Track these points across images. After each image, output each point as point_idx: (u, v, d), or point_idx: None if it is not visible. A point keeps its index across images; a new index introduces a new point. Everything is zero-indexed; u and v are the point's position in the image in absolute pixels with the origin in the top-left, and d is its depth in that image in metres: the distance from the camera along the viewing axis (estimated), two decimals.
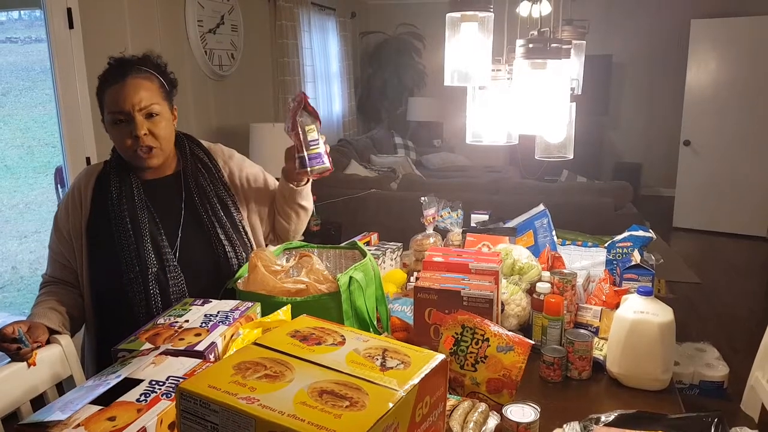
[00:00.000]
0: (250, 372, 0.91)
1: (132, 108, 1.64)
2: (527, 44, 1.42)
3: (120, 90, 1.64)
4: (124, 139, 1.66)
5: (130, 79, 1.67)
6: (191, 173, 1.79)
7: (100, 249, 1.68)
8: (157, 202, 1.73)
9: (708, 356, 2.84)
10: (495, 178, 4.85)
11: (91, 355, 1.73)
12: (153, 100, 1.67)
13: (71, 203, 1.75)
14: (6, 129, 8.51)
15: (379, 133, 7.14)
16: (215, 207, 1.76)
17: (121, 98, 1.64)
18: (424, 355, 0.98)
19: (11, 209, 7.27)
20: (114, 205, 1.69)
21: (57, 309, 1.63)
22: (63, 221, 1.75)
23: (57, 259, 1.76)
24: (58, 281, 1.75)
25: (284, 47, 5.44)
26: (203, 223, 1.74)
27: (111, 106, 1.65)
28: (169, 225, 1.72)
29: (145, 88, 1.67)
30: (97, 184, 1.75)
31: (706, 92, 6.19)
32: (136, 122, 1.64)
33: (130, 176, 1.73)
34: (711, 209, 6.30)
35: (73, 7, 3.16)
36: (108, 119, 1.67)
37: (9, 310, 4.97)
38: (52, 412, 1.00)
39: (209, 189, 1.78)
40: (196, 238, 1.73)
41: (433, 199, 2.28)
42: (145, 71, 1.70)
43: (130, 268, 1.64)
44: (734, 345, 3.65)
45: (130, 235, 1.66)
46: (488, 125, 1.81)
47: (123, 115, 1.64)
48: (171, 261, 1.67)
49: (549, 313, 1.70)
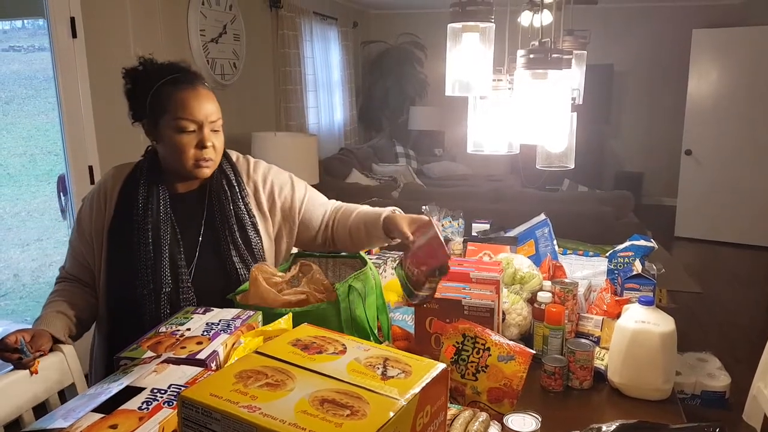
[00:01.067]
0: (251, 380, 0.91)
1: (205, 118, 1.61)
2: (528, 54, 1.43)
3: (193, 97, 1.61)
4: (189, 148, 1.61)
5: (202, 89, 1.65)
6: (215, 191, 1.73)
7: (119, 255, 1.66)
8: (180, 217, 1.70)
9: (710, 366, 2.83)
10: (496, 187, 4.86)
11: (101, 354, 1.71)
12: (219, 115, 1.66)
13: (96, 202, 1.72)
14: (9, 137, 8.54)
15: (380, 142, 7.16)
16: (233, 229, 1.71)
17: (195, 106, 1.61)
18: (425, 365, 0.98)
19: (13, 217, 7.28)
20: (139, 215, 1.65)
21: (66, 313, 1.62)
22: (86, 220, 1.72)
23: (76, 257, 1.74)
24: (74, 279, 1.74)
25: (286, 56, 5.47)
26: (221, 244, 1.71)
27: (181, 112, 1.60)
28: (188, 242, 1.70)
29: (213, 100, 1.66)
30: (125, 188, 1.70)
31: (707, 101, 6.20)
32: (205, 134, 1.62)
33: (159, 187, 1.69)
34: (713, 218, 6.30)
35: (76, 17, 3.18)
36: (173, 124, 1.60)
37: (11, 318, 4.97)
38: (54, 419, 1.01)
39: (229, 209, 1.72)
40: (211, 259, 1.70)
41: (434, 208, 2.28)
42: (206, 84, 1.69)
43: (144, 284, 1.62)
44: (736, 355, 3.64)
45: (149, 250, 1.63)
46: (489, 134, 1.82)
47: (195, 124, 1.61)
48: (186, 282, 1.65)
49: (550, 323, 1.70)
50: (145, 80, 1.66)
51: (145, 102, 1.64)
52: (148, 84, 1.64)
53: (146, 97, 1.64)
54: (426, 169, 7.00)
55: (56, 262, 5.83)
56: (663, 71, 7.46)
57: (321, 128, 6.29)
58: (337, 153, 6.21)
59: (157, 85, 1.63)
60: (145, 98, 1.64)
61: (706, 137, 6.24)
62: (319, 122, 6.27)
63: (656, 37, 7.41)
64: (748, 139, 6.07)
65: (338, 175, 5.37)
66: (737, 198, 6.17)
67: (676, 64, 7.12)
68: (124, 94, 1.70)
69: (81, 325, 1.67)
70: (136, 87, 1.67)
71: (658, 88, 7.56)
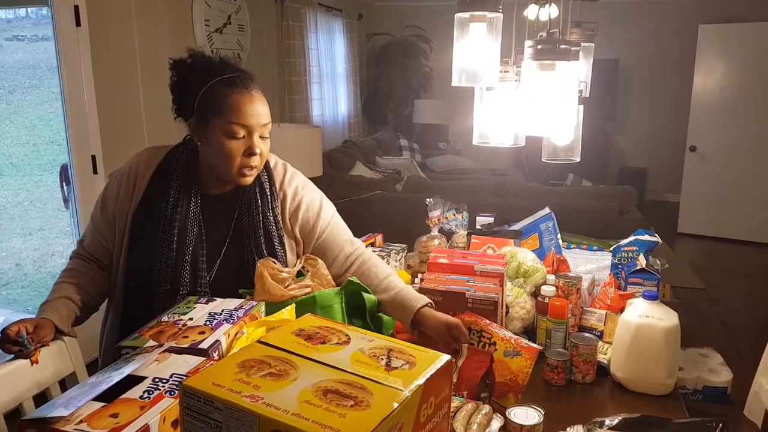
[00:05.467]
0: (254, 370, 0.90)
1: (257, 124, 1.55)
2: (536, 45, 1.42)
3: (248, 100, 1.54)
4: (238, 155, 1.55)
5: (256, 93, 1.58)
6: (247, 198, 1.66)
7: (140, 245, 1.61)
8: (208, 218, 1.65)
9: (712, 362, 2.83)
10: (500, 181, 4.84)
11: (111, 343, 1.65)
12: (270, 119, 1.60)
13: (125, 183, 1.65)
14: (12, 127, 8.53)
15: (384, 135, 7.14)
16: (259, 240, 1.65)
17: (249, 111, 1.53)
18: (429, 356, 0.97)
19: (16, 206, 7.28)
20: (168, 211, 1.59)
21: (72, 299, 1.58)
22: (111, 200, 1.65)
23: (96, 235, 1.68)
24: (90, 258, 1.69)
25: (291, 48, 5.45)
26: (245, 253, 1.65)
27: (234, 116, 1.52)
28: (212, 245, 1.64)
29: (265, 104, 1.59)
30: (156, 176, 1.63)
31: (712, 98, 6.18)
32: (254, 140, 1.55)
33: (193, 186, 1.63)
34: (716, 215, 6.28)
35: (80, 5, 3.16)
36: (224, 129, 1.53)
37: (13, 307, 4.97)
38: (54, 407, 1.00)
39: (258, 219, 1.65)
40: (233, 264, 1.65)
41: (438, 200, 2.27)
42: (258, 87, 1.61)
43: (162, 283, 1.58)
44: (738, 351, 3.64)
45: (173, 248, 1.58)
46: (495, 126, 1.81)
47: (246, 130, 1.54)
48: (204, 286, 1.61)
49: (553, 317, 1.70)
50: (195, 76, 1.57)
51: (193, 99, 1.56)
52: (199, 81, 1.55)
53: (196, 95, 1.55)
54: (430, 163, 6.99)
55: (58, 252, 5.83)
56: (668, 67, 7.43)
57: (325, 120, 6.28)
58: (341, 145, 6.20)
59: (209, 83, 1.54)
60: (194, 96, 1.55)
61: (711, 133, 6.22)
62: (323, 114, 6.26)
63: (662, 32, 7.37)
64: (753, 135, 6.05)
65: (342, 168, 5.35)
66: (741, 195, 6.15)
67: (681, 60, 7.09)
68: (169, 87, 1.61)
69: (87, 310, 1.63)
70: (185, 82, 1.58)
71: (663, 83, 7.53)
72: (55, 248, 6.19)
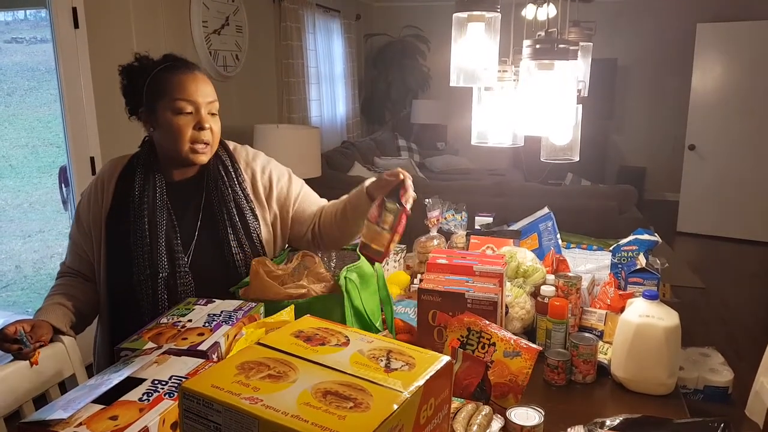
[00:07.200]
0: (253, 372, 0.90)
1: (202, 100, 1.63)
2: (534, 44, 1.42)
3: (191, 79, 1.63)
4: (187, 129, 1.62)
5: (199, 74, 1.67)
6: (212, 177, 1.74)
7: (117, 244, 1.66)
8: (177, 203, 1.71)
9: (712, 361, 2.83)
10: (499, 180, 4.84)
11: (104, 348, 1.72)
12: (215, 97, 1.68)
13: (93, 194, 1.73)
14: (11, 129, 8.52)
15: (382, 136, 7.13)
16: (232, 213, 1.72)
17: (192, 88, 1.62)
18: (429, 357, 0.97)
19: (15, 208, 7.28)
20: (135, 203, 1.66)
21: (65, 305, 1.62)
22: (84, 212, 1.73)
23: (76, 250, 1.75)
24: (75, 273, 1.75)
25: (289, 48, 5.45)
26: (218, 229, 1.71)
27: (179, 93, 1.61)
28: (185, 228, 1.70)
29: (209, 84, 1.68)
30: (121, 178, 1.71)
31: (711, 96, 6.18)
32: (202, 116, 1.63)
33: (155, 175, 1.70)
34: (715, 214, 6.29)
35: (78, 7, 3.16)
36: (171, 106, 1.61)
37: (12, 309, 4.97)
38: (54, 410, 1.00)
39: (228, 194, 1.73)
40: (209, 244, 1.70)
41: (437, 201, 2.27)
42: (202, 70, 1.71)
43: (141, 270, 1.62)
44: (739, 350, 3.63)
45: (146, 236, 1.63)
46: (494, 126, 1.81)
47: (192, 106, 1.62)
48: (183, 267, 1.65)
49: (553, 317, 1.70)
50: (141, 72, 1.67)
51: (141, 92, 1.65)
52: (144, 74, 1.65)
53: (143, 87, 1.65)
54: (428, 163, 6.98)
55: (58, 254, 5.82)
56: (667, 66, 7.43)
57: (323, 121, 6.28)
58: (339, 146, 6.19)
59: (153, 72, 1.64)
60: (141, 89, 1.65)
61: (710, 132, 6.22)
62: (322, 115, 6.26)
63: (660, 31, 7.38)
64: (752, 134, 6.05)
65: (340, 168, 5.35)
66: (740, 194, 6.15)
67: (680, 59, 7.09)
68: (121, 91, 1.71)
69: (82, 317, 1.67)
70: (133, 81, 1.68)
71: (661, 82, 7.53)
72: (54, 250, 6.18)
